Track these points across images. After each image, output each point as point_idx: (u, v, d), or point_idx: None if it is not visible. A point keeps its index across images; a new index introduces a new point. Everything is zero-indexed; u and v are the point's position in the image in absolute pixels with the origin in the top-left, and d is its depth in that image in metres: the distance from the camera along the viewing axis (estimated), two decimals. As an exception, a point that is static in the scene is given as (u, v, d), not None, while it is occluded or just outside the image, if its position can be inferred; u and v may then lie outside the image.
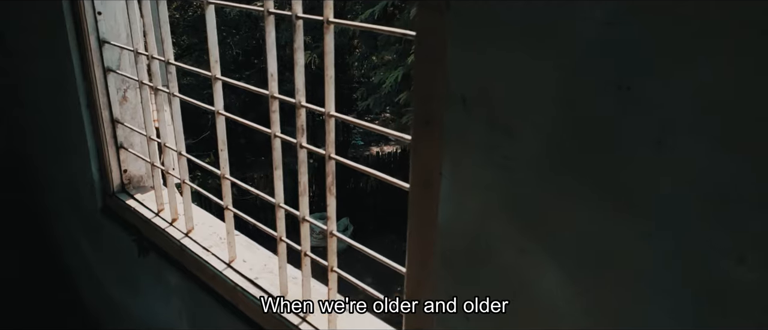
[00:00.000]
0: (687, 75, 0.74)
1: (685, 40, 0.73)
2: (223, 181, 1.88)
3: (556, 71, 0.87)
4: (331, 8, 1.34)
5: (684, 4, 0.72)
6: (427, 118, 1.10)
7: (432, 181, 1.13)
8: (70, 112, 2.47)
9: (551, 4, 0.85)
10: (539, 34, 0.88)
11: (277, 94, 1.57)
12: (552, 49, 0.87)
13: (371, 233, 11.65)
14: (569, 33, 0.84)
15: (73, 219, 2.90)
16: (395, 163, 13.24)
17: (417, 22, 1.06)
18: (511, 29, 0.91)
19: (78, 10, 2.18)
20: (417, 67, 1.09)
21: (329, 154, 1.45)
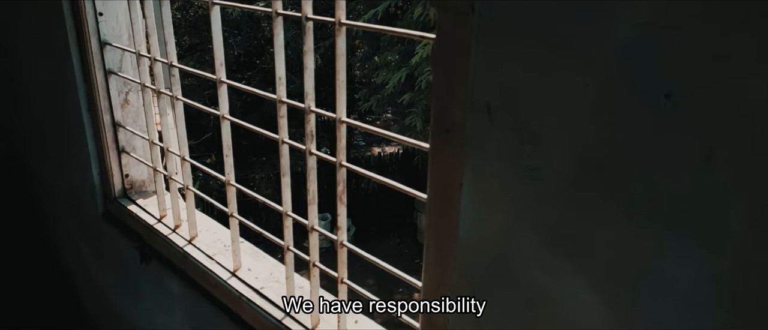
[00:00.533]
0: (740, 82, 0.68)
1: (738, 43, 0.67)
2: (228, 188, 1.82)
3: (591, 77, 0.81)
4: (343, 9, 1.28)
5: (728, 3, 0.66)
6: (448, 126, 1.04)
7: (452, 192, 1.07)
8: (70, 115, 2.41)
9: (584, 5, 0.79)
10: (572, 37, 0.82)
11: (285, 98, 1.51)
12: (585, 53, 0.81)
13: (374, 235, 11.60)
14: (604, 36, 0.78)
15: (73, 224, 2.84)
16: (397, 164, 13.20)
17: (437, 25, 1.00)
18: (541, 33, 0.85)
19: (78, 10, 2.13)
20: (436, 72, 1.03)
21: (340, 162, 1.40)
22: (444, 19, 0.98)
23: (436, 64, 1.03)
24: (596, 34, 0.79)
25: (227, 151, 1.78)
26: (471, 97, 0.96)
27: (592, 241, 0.88)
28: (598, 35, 0.79)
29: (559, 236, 0.91)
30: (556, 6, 0.83)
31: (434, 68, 1.04)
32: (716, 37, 0.68)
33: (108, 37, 2.18)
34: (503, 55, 0.90)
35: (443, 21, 0.98)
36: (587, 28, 0.80)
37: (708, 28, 0.69)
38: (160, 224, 2.23)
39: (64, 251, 3.11)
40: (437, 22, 1.00)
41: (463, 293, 1.11)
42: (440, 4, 0.98)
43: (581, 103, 0.83)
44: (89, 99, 2.31)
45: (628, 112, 0.78)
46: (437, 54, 1.02)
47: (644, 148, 0.78)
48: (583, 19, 0.80)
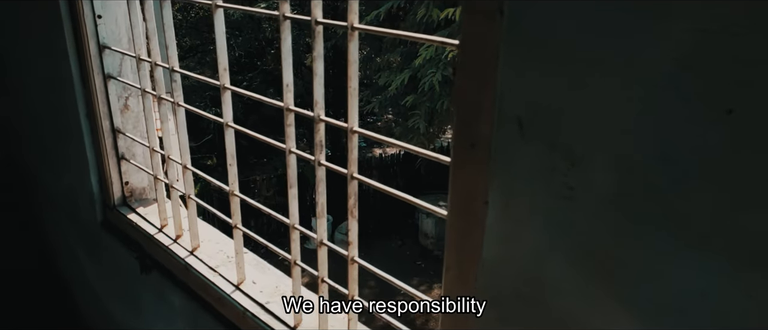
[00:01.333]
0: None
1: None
2: (232, 198, 1.75)
3: (637, 90, 0.73)
4: (356, 13, 1.20)
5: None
6: (473, 140, 0.96)
7: (476, 210, 0.99)
8: (68, 121, 2.34)
9: (631, 7, 0.71)
10: (615, 46, 0.74)
11: (293, 106, 1.43)
12: (631, 63, 0.73)
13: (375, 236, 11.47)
14: (654, 45, 0.71)
15: (72, 231, 2.76)
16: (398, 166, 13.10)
17: (463, 29, 0.93)
18: (580, 40, 0.77)
19: (76, 13, 2.05)
20: (460, 80, 0.96)
21: (352, 174, 1.32)
22: (470, 23, 0.90)
23: (460, 72, 0.95)
24: (645, 42, 0.71)
25: (231, 159, 1.70)
26: (499, 109, 0.89)
27: (634, 268, 0.80)
28: (647, 43, 0.71)
29: (597, 261, 0.84)
30: (597, 10, 0.75)
31: (458, 76, 0.96)
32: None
33: (107, 41, 2.11)
34: (536, 64, 0.83)
35: (469, 25, 0.91)
36: (634, 35, 0.72)
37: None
38: (160, 234, 2.15)
39: (62, 258, 3.04)
40: (463, 26, 0.92)
41: (485, 317, 1.03)
42: (467, 6, 0.90)
43: (626, 119, 0.75)
44: (88, 104, 2.23)
45: (681, 129, 0.70)
46: (462, 61, 0.94)
47: (700, 171, 0.70)
48: (629, 25, 0.72)
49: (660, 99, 0.71)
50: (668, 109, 0.71)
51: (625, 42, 0.73)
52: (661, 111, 0.72)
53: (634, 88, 0.73)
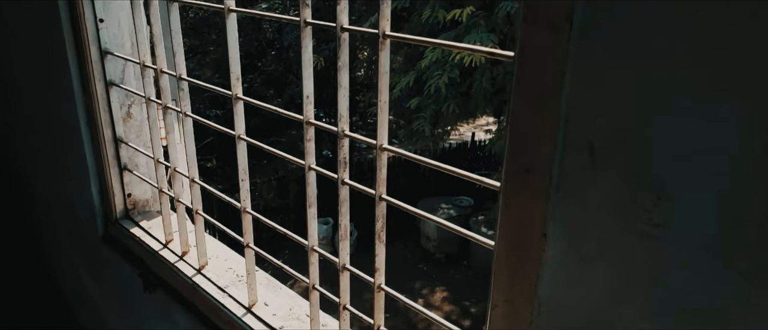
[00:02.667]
0: None
1: None
2: (244, 216, 1.63)
3: (747, 114, 0.62)
4: (387, 19, 1.09)
5: None
6: (528, 165, 0.85)
7: (531, 244, 0.88)
8: (68, 130, 2.22)
9: (733, 6, 0.60)
10: (716, 60, 0.63)
11: (313, 119, 1.32)
12: (739, 82, 0.62)
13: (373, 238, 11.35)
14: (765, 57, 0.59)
15: (72, 246, 2.64)
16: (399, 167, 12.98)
17: (521, 39, 0.81)
18: (670, 53, 0.66)
19: (77, 16, 1.93)
20: (517, 98, 0.84)
21: (380, 195, 1.20)
22: (530, 33, 0.79)
23: (517, 88, 0.84)
24: (758, 55, 0.60)
25: (243, 175, 1.59)
26: (565, 131, 0.77)
27: (732, 325, 0.68)
28: (761, 57, 0.59)
29: (684, 312, 0.72)
30: (691, 18, 0.63)
31: (514, 93, 0.84)
32: None
33: (109, 46, 1.99)
34: (615, 82, 0.71)
35: (530, 36, 0.79)
36: (746, 48, 0.60)
37: None
38: (165, 250, 2.03)
39: (61, 272, 2.92)
40: (521, 36, 0.81)
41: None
42: (526, 14, 0.79)
43: (731, 148, 0.64)
44: (88, 112, 2.12)
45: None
46: (519, 76, 0.82)
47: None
48: (737, 35, 0.61)
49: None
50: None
51: (729, 57, 0.62)
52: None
53: (742, 113, 0.62)
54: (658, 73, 0.68)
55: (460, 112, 6.66)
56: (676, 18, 0.65)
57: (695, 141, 0.66)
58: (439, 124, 7.25)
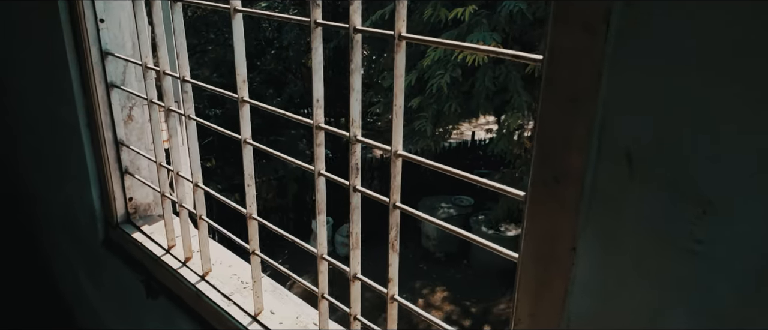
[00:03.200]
0: None
1: None
2: (250, 222, 1.58)
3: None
4: (403, 20, 1.04)
5: None
6: (557, 174, 0.80)
7: (559, 257, 0.84)
8: (68, 132, 2.17)
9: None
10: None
11: (323, 123, 1.27)
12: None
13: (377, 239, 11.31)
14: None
15: (71, 249, 2.59)
16: (400, 167, 12.90)
17: (551, 42, 0.77)
18: (718, 56, 0.61)
19: (77, 17, 1.88)
20: (545, 102, 0.79)
21: (395, 202, 1.16)
22: (563, 35, 0.74)
23: (546, 92, 0.79)
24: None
25: (250, 180, 1.54)
26: (600, 139, 0.73)
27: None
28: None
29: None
30: (741, 14, 0.59)
31: (543, 98, 0.80)
32: None
33: (110, 47, 1.94)
34: (656, 87, 0.67)
35: (562, 37, 0.75)
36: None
37: None
38: (168, 256, 1.99)
39: (62, 276, 2.87)
40: (551, 38, 0.76)
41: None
42: (558, 15, 0.74)
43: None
44: (88, 114, 2.07)
45: None
46: (550, 79, 0.78)
47: None
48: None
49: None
50: None
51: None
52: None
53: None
54: (703, 78, 0.63)
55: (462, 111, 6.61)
56: (723, 21, 0.61)
57: (746, 152, 0.62)
58: (440, 124, 7.20)
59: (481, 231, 9.83)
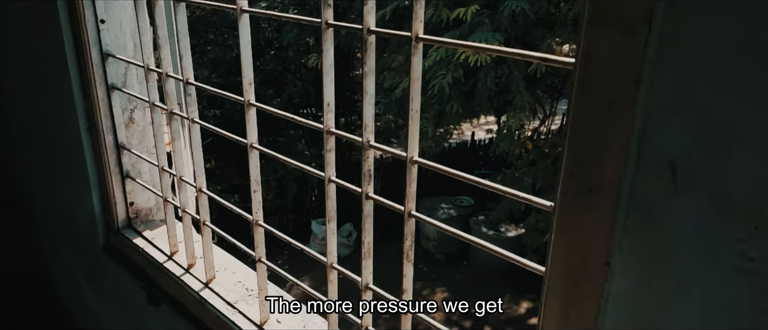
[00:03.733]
0: None
1: None
2: (256, 229, 1.54)
3: None
4: (421, 21, 1.00)
5: None
6: (590, 185, 0.75)
7: (590, 272, 0.79)
8: (67, 135, 2.13)
9: None
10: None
11: (334, 128, 1.23)
12: None
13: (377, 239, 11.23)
14: None
15: (71, 255, 2.54)
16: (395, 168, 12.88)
17: (584, 44, 0.72)
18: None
19: (77, 18, 1.83)
20: (578, 109, 0.75)
21: (409, 211, 1.11)
22: (599, 38, 0.70)
23: (579, 98, 0.74)
24: None
25: (256, 186, 1.49)
26: (639, 148, 0.68)
27: None
28: None
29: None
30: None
31: (576, 104, 0.75)
32: None
33: (110, 48, 1.89)
34: (704, 93, 0.62)
35: (597, 40, 0.70)
36: None
37: None
38: (170, 262, 1.94)
39: (60, 281, 2.82)
40: (585, 40, 0.72)
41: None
42: (594, 16, 0.69)
43: None
44: (89, 117, 2.02)
45: None
46: (583, 85, 0.73)
47: None
48: None
49: None
50: None
51: None
52: None
53: None
54: (754, 83, 0.58)
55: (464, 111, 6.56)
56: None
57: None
58: (441, 124, 7.14)
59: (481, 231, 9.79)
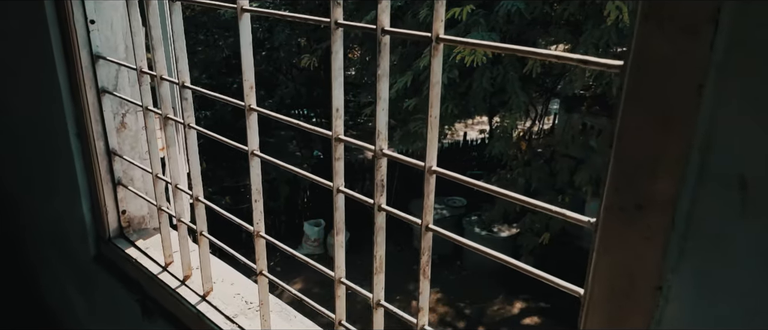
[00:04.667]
0: None
1: None
2: (257, 240, 1.46)
3: None
4: (441, 21, 0.92)
5: None
6: (639, 201, 0.68)
7: (639, 296, 0.72)
8: (56, 141, 2.04)
9: None
10: None
11: (343, 134, 1.15)
12: None
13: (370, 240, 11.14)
14: None
15: (60, 265, 2.45)
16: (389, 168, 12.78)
17: (637, 45, 0.65)
18: None
19: (65, 17, 1.74)
20: (627, 116, 0.67)
21: (427, 224, 1.04)
22: (655, 38, 0.62)
23: (629, 104, 0.67)
24: None
25: (257, 195, 1.41)
26: (702, 161, 0.61)
27: None
28: None
29: None
30: None
31: (625, 111, 0.68)
32: None
33: (101, 50, 1.80)
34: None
35: (653, 40, 0.63)
36: None
37: None
38: (165, 273, 1.85)
39: (48, 291, 2.72)
40: (638, 42, 0.64)
41: None
42: (651, 14, 0.62)
43: None
44: (78, 122, 1.93)
45: None
46: (633, 90, 0.66)
47: None
48: None
49: None
50: None
51: None
52: None
53: None
54: None
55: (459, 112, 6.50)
56: None
57: None
58: (436, 125, 7.07)
59: (473, 232, 9.74)
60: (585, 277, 0.78)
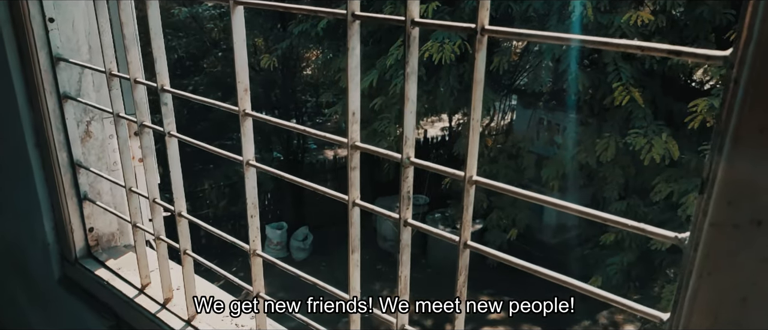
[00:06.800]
0: None
1: None
2: (253, 259, 1.31)
3: None
4: (487, 10, 0.80)
5: None
6: (759, 216, 0.58)
7: (748, 324, 0.61)
8: (13, 153, 1.84)
9: None
10: None
11: (359, 141, 1.02)
12: None
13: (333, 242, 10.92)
14: None
15: (19, 288, 2.23)
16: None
17: (760, 34, 0.54)
18: None
19: (20, 15, 1.56)
20: (742, 118, 0.57)
21: (465, 241, 0.91)
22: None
23: (745, 104, 0.56)
24: None
25: (253, 210, 1.27)
26: None
27: None
28: None
29: None
30: None
31: (740, 112, 0.57)
32: None
33: (61, 51, 1.62)
34: None
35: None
36: None
37: None
38: (142, 296, 1.68)
39: (8, 323, 2.49)
40: (757, 26, 0.53)
41: None
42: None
43: None
44: (37, 132, 1.74)
45: None
46: (752, 87, 0.55)
47: None
48: None
49: None
50: None
51: None
52: None
53: None
54: None
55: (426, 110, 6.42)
56: None
57: None
58: (402, 124, 6.98)
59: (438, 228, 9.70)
60: (675, 302, 0.67)
